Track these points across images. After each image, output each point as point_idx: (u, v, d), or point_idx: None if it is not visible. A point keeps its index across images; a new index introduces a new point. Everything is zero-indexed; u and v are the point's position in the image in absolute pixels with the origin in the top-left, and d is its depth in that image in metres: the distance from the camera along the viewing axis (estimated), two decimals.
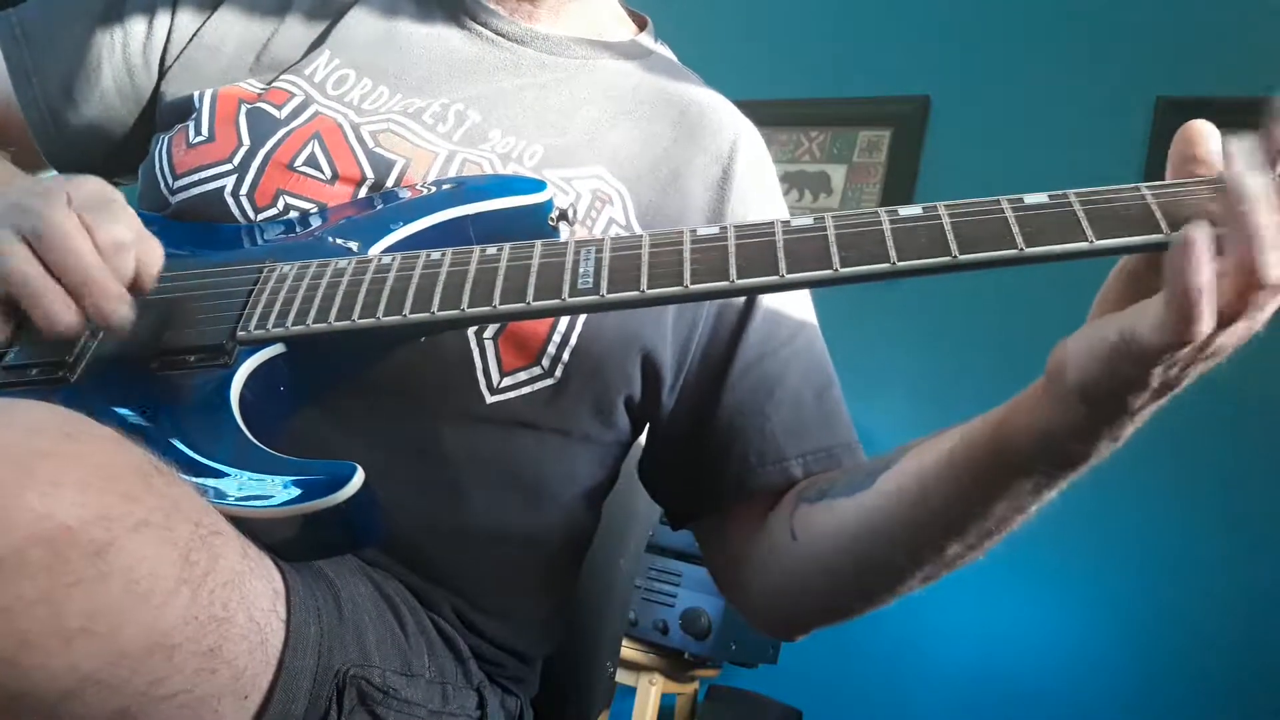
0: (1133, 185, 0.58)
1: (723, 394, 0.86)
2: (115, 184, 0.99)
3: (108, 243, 0.67)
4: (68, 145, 0.94)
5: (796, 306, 0.90)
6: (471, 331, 0.77)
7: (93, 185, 0.71)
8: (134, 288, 0.69)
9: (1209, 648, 2.06)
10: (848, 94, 2.66)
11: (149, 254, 0.70)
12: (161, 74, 0.93)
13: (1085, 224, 0.57)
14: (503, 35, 0.93)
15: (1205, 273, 0.52)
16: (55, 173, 1.00)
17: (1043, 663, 2.19)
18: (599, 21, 0.97)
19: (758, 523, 0.85)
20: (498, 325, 0.77)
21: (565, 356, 0.80)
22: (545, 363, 0.79)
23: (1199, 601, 2.09)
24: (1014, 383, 0.67)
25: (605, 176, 0.87)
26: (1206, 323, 0.52)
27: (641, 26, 1.01)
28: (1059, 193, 0.59)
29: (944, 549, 0.70)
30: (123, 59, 0.93)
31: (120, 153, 0.96)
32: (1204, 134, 0.57)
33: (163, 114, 0.92)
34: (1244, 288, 0.52)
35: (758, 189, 0.93)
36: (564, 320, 0.79)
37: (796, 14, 2.78)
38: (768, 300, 0.88)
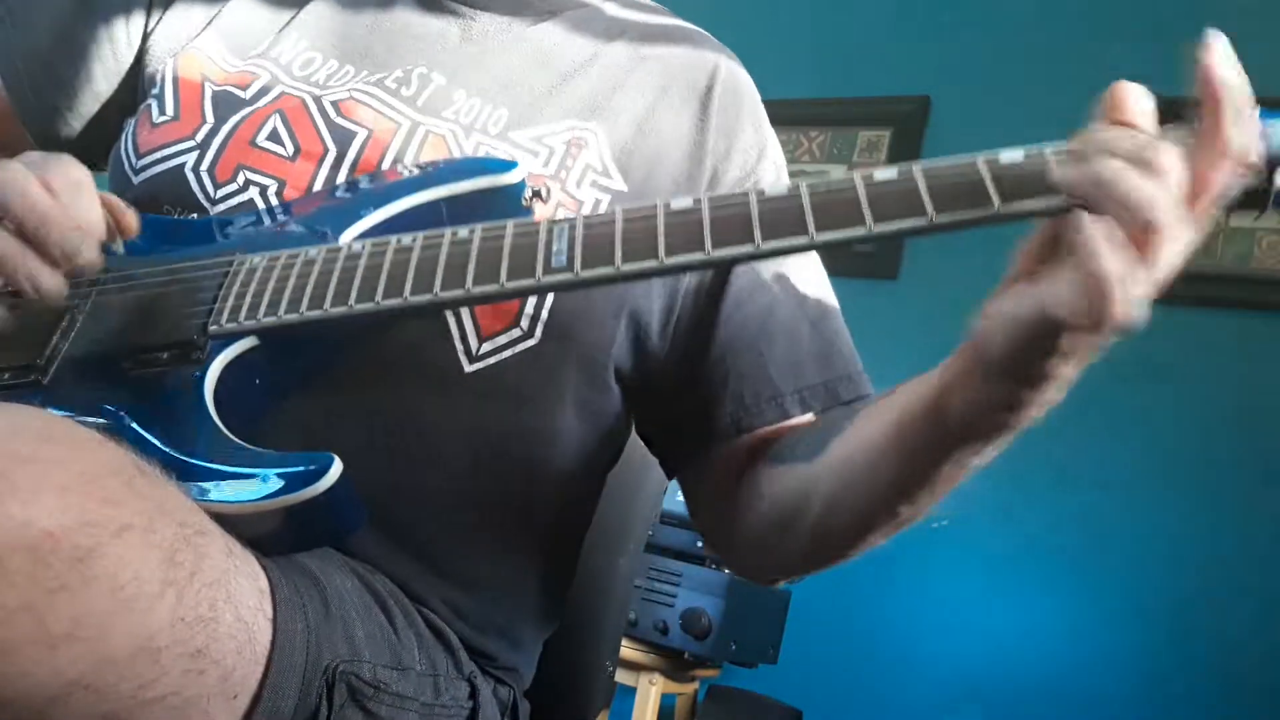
0: None
1: (716, 331, 0.85)
2: (92, 167, 1.02)
3: (63, 183, 0.68)
4: (47, 120, 0.95)
5: None
6: None
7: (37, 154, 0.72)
8: (111, 234, 0.70)
9: (1212, 648, 2.06)
10: (848, 94, 2.66)
11: (118, 200, 0.71)
12: (143, 46, 0.94)
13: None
14: (463, 2, 0.91)
15: (1112, 260, 0.52)
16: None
17: (1043, 663, 2.19)
18: None
19: (746, 466, 0.84)
20: None
21: (544, 315, 0.79)
22: (525, 323, 0.78)
23: (1201, 601, 2.08)
24: None
25: (576, 125, 0.86)
26: (1120, 306, 0.52)
27: None
28: (1033, 147, 0.59)
29: (896, 511, 0.72)
30: (105, 33, 0.94)
31: (98, 129, 0.96)
32: (1132, 94, 0.60)
33: (139, 88, 0.93)
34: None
35: (739, 118, 0.91)
36: None
37: (796, 14, 2.77)
38: None
